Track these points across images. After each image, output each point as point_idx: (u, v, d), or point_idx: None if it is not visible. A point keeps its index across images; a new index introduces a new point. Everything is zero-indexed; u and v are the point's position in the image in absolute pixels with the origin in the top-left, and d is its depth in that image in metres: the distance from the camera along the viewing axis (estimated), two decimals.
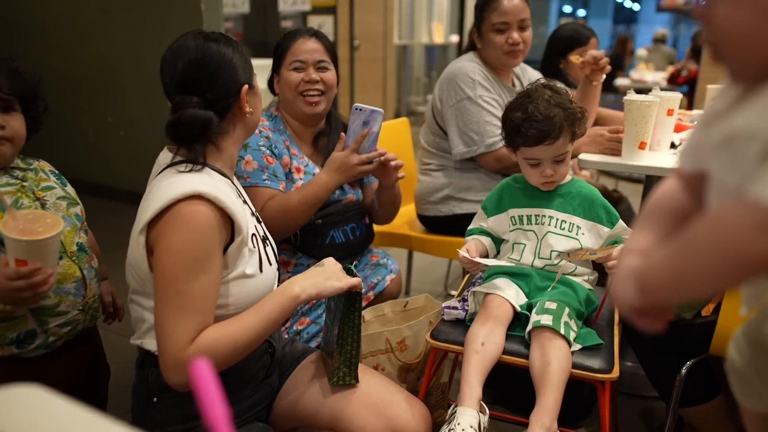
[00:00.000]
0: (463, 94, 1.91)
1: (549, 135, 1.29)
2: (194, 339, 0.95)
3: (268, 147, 1.55)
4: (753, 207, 0.50)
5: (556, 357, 1.17)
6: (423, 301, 1.72)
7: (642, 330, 0.68)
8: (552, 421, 1.13)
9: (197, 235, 0.96)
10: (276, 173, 1.55)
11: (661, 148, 1.78)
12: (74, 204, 1.22)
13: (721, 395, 1.38)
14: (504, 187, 1.47)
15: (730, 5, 0.54)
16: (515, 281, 1.36)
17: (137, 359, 1.12)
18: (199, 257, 0.96)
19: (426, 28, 8.12)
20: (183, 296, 0.95)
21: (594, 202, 1.36)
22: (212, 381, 0.39)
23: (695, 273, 0.56)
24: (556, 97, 1.32)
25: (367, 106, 1.52)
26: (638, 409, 1.84)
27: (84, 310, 1.18)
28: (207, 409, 0.38)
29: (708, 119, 0.63)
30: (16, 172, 1.15)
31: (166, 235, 0.96)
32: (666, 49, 7.60)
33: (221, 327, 0.99)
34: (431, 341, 1.35)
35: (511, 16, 1.89)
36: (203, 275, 0.96)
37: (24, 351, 1.12)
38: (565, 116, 1.30)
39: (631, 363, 1.96)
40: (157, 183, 1.03)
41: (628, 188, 3.30)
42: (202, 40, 1.07)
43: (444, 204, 2.04)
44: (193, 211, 0.96)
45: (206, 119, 1.04)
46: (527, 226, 1.40)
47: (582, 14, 17.40)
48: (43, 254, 1.00)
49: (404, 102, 7.88)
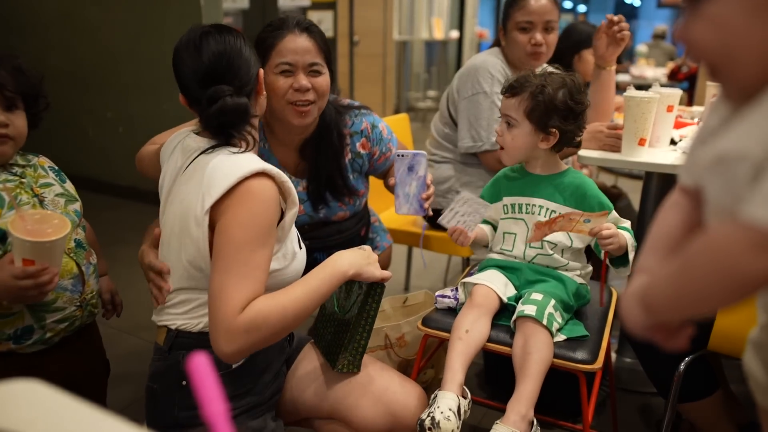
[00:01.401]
0: (480, 88, 1.90)
1: (511, 89, 1.33)
2: (247, 307, 0.96)
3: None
4: (747, 227, 0.50)
5: (537, 347, 1.19)
6: (422, 297, 1.72)
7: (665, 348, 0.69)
8: (528, 409, 1.15)
9: (265, 207, 1.00)
10: None
11: (660, 144, 1.78)
12: (73, 201, 1.22)
13: (719, 391, 1.39)
14: (500, 176, 1.48)
15: (703, 27, 0.55)
16: (506, 274, 1.38)
17: (165, 341, 1.10)
18: (266, 229, 1.00)
19: (426, 23, 8.10)
20: (248, 265, 0.98)
21: (587, 193, 1.35)
22: (211, 376, 0.39)
23: (695, 292, 0.57)
24: (556, 83, 1.31)
25: (408, 150, 1.41)
26: (637, 405, 1.84)
27: (81, 306, 1.18)
28: (205, 405, 0.38)
29: (703, 135, 0.64)
30: (15, 168, 1.15)
31: (235, 209, 0.99)
32: (666, 45, 7.59)
33: (271, 296, 1.00)
34: (422, 328, 1.38)
35: (537, 16, 1.86)
36: (264, 247, 1.00)
37: (21, 346, 1.12)
38: (536, 91, 1.30)
39: (630, 359, 1.97)
40: (212, 164, 1.03)
41: (628, 185, 3.30)
42: (215, 32, 1.09)
43: (445, 197, 2.05)
44: (262, 186, 1.00)
45: (246, 105, 1.07)
46: (518, 215, 1.41)
47: (582, 10, 17.35)
48: (51, 255, 1.01)
49: (404, 98, 7.87)
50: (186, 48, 1.08)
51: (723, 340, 1.27)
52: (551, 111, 1.29)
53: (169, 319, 1.10)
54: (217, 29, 1.10)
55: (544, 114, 1.30)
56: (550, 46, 1.91)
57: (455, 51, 8.67)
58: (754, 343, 0.75)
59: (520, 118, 1.32)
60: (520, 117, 1.32)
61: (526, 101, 1.31)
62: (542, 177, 1.39)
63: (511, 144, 1.35)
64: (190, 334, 1.08)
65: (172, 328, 1.09)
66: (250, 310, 0.96)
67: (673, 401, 1.34)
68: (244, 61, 1.09)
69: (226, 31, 1.10)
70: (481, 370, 1.99)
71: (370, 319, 1.16)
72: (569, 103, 1.30)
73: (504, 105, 1.36)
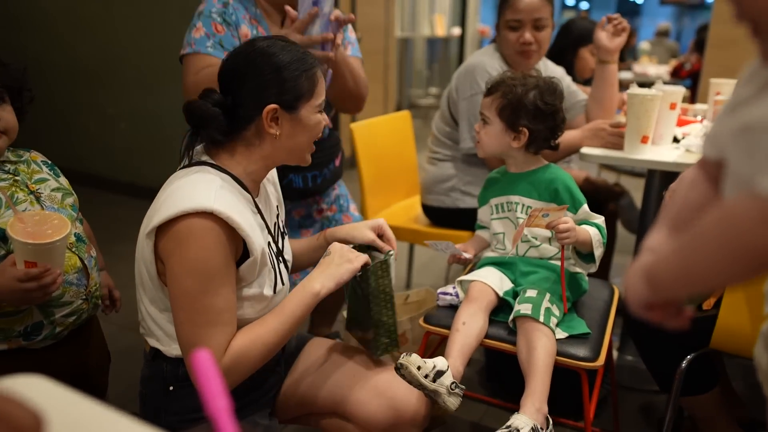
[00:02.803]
0: (478, 88, 1.89)
1: (489, 88, 1.39)
2: (227, 349, 0.97)
3: (221, 14, 1.45)
4: (761, 200, 0.49)
5: (541, 343, 1.21)
6: (424, 295, 1.73)
7: (665, 327, 0.67)
8: (542, 403, 1.16)
9: (211, 252, 0.95)
10: (222, 43, 1.44)
11: (663, 142, 1.78)
12: (69, 195, 1.21)
13: (719, 387, 1.39)
14: (488, 179, 1.52)
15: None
16: (501, 270, 1.41)
17: (149, 352, 1.11)
18: (217, 272, 0.96)
19: (428, 20, 8.08)
20: (208, 312, 0.95)
21: (558, 187, 1.37)
22: (214, 373, 0.39)
23: (703, 265, 0.55)
24: (528, 85, 1.35)
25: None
26: (639, 403, 1.84)
27: (87, 299, 1.19)
28: (209, 401, 0.38)
29: (733, 105, 0.61)
30: (7, 165, 1.13)
31: (180, 254, 0.94)
32: (669, 42, 7.57)
33: (249, 333, 1.00)
34: (424, 325, 1.39)
35: (525, 14, 1.85)
36: (222, 289, 0.97)
37: (32, 342, 1.13)
38: (507, 91, 1.35)
39: (632, 357, 1.97)
40: (178, 183, 1.00)
41: (630, 182, 3.29)
42: (259, 46, 1.03)
43: (448, 195, 2.04)
44: (204, 229, 0.94)
45: (208, 114, 1.01)
46: (502, 214, 1.45)
47: (585, 7, 17.31)
48: (52, 256, 1.01)
49: (406, 95, 7.85)
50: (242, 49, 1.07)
51: (725, 338, 1.27)
52: (519, 110, 1.35)
53: (148, 335, 1.10)
54: (268, 44, 1.04)
55: (513, 113, 1.35)
56: (542, 43, 1.89)
57: (457, 48, 8.65)
58: (765, 336, 0.75)
59: (492, 116, 1.39)
60: (492, 115, 1.38)
61: (497, 100, 1.37)
62: (519, 174, 1.43)
63: (485, 140, 1.42)
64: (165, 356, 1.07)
65: (154, 346, 1.09)
66: (230, 351, 0.97)
67: (675, 398, 1.34)
68: (251, 84, 1.02)
69: (268, 50, 1.03)
70: (482, 367, 1.99)
71: (389, 296, 1.15)
72: (539, 103, 1.35)
73: (482, 103, 1.42)
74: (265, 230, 1.11)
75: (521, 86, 1.36)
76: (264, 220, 1.12)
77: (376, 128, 2.25)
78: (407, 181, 2.40)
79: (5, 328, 1.10)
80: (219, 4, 1.46)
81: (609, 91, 1.97)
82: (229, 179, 1.04)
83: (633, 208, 2.47)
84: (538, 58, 1.93)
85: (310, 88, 1.06)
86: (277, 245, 1.16)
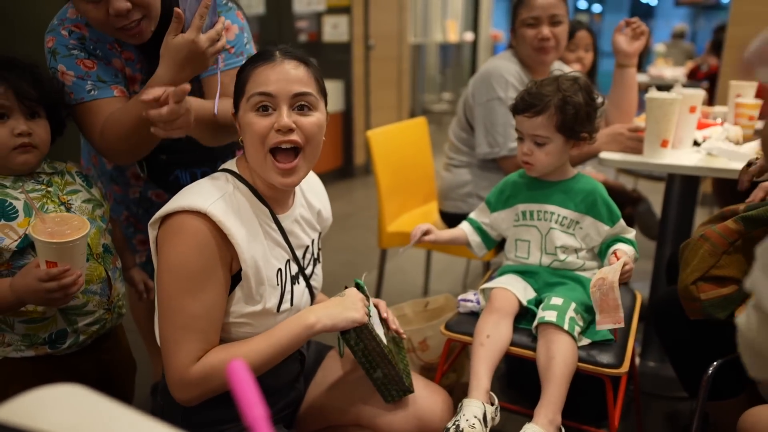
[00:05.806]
0: (495, 94, 1.90)
1: (531, 107, 1.31)
2: (200, 358, 0.95)
3: (82, 48, 1.22)
4: None
5: (560, 352, 1.19)
6: (443, 301, 1.72)
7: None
8: (555, 414, 1.14)
9: (195, 253, 0.93)
10: (101, 77, 1.23)
11: (683, 145, 1.76)
12: (99, 206, 1.24)
13: (745, 394, 1.37)
14: (508, 181, 1.47)
15: None
16: (524, 278, 1.39)
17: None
18: (198, 275, 0.94)
19: (440, 26, 8.10)
20: (182, 314, 0.94)
21: (596, 199, 1.35)
22: (250, 381, 0.39)
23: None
24: (572, 88, 1.31)
25: None
26: (662, 410, 1.82)
27: (110, 309, 1.21)
28: (246, 410, 0.38)
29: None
30: (42, 177, 1.16)
31: (168, 247, 0.95)
32: (685, 44, 7.50)
33: (229, 349, 0.97)
34: (445, 332, 1.37)
35: (541, 10, 1.86)
36: (202, 294, 0.94)
37: (57, 350, 1.15)
38: (561, 104, 1.29)
39: (654, 363, 1.94)
40: (190, 184, 1.03)
41: (649, 186, 3.26)
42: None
43: (465, 201, 2.04)
44: (194, 228, 0.94)
45: None
46: (530, 222, 1.40)
47: (597, 9, 17.23)
48: (72, 256, 1.03)
49: (419, 101, 7.87)
50: None
51: None
52: (577, 118, 1.30)
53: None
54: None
55: (576, 123, 1.30)
56: (559, 38, 1.90)
57: (470, 53, 8.66)
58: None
59: (550, 134, 1.31)
60: (551, 133, 1.31)
61: (554, 116, 1.30)
62: (553, 183, 1.39)
63: (545, 160, 1.34)
64: None
65: None
66: (203, 363, 0.94)
67: (702, 403, 1.32)
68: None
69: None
70: (503, 374, 1.98)
71: (365, 358, 1.08)
72: (589, 103, 1.32)
73: (528, 125, 1.33)
74: (282, 248, 1.08)
75: (568, 93, 1.29)
76: (286, 238, 1.09)
77: (392, 135, 2.26)
78: (424, 188, 2.41)
79: (30, 334, 1.12)
80: (72, 39, 1.22)
81: (628, 95, 1.96)
82: (245, 189, 1.04)
83: (651, 214, 2.44)
84: (556, 54, 1.93)
85: (241, 85, 1.03)
86: (299, 265, 1.12)
